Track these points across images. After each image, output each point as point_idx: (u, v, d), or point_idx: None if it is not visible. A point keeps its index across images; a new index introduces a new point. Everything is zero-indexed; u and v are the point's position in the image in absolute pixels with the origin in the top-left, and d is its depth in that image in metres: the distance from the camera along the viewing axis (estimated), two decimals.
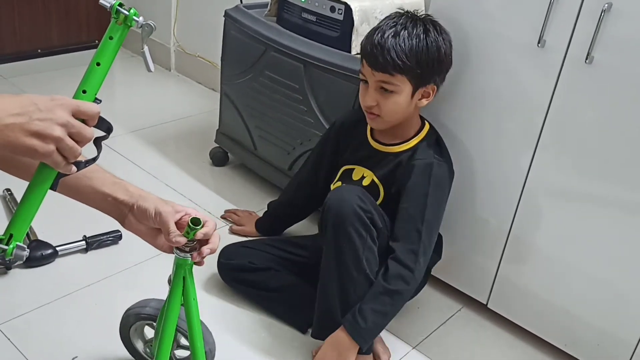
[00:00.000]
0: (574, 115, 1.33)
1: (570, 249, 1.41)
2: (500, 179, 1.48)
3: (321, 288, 1.39)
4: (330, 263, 1.36)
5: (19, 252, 0.84)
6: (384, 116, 1.38)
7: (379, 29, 1.35)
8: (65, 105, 0.73)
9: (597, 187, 1.34)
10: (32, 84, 2.58)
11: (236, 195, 2.02)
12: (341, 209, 1.32)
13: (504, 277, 1.54)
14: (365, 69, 1.37)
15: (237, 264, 1.56)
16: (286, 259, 1.59)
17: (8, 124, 0.70)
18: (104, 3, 0.81)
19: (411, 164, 1.40)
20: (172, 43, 2.90)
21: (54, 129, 0.71)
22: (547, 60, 1.32)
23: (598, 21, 1.22)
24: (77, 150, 0.74)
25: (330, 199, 1.36)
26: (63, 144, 0.73)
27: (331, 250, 1.35)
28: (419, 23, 1.34)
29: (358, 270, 1.34)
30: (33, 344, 1.36)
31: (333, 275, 1.36)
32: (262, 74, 1.86)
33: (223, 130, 2.12)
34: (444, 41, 1.36)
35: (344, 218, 1.32)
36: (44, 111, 0.72)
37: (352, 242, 1.32)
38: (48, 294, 1.50)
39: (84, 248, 1.66)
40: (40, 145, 0.71)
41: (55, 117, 0.72)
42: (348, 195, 1.34)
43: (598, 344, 1.43)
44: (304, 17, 1.78)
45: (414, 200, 1.38)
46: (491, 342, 1.56)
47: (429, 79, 1.37)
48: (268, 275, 1.54)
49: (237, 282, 1.57)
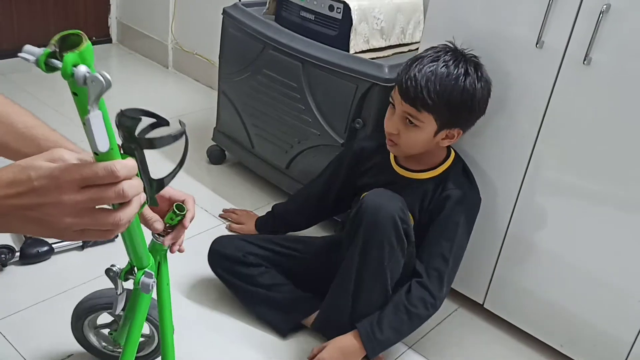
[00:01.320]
0: (571, 115, 1.33)
1: (567, 248, 1.41)
2: (498, 179, 1.48)
3: (337, 284, 1.38)
4: (352, 263, 1.33)
5: (145, 279, 0.90)
6: (402, 146, 1.38)
7: (420, 60, 1.31)
8: (67, 184, 0.58)
9: (594, 186, 1.34)
10: (30, 81, 2.58)
11: (233, 193, 2.02)
12: (379, 215, 1.28)
13: (501, 276, 1.55)
14: (396, 95, 1.35)
15: (230, 254, 1.51)
16: (280, 253, 1.54)
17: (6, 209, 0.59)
18: (25, 56, 0.57)
19: (444, 194, 1.39)
20: (170, 40, 2.90)
21: (60, 218, 0.59)
22: (546, 60, 1.32)
23: (596, 22, 1.22)
24: (107, 220, 0.61)
25: (369, 201, 1.30)
26: (83, 226, 0.61)
27: (356, 252, 1.32)
28: (462, 64, 1.30)
29: (378, 279, 1.32)
30: (29, 341, 1.35)
31: (351, 276, 1.34)
32: (260, 72, 1.86)
33: (220, 128, 2.12)
34: (481, 88, 1.32)
35: (380, 225, 1.28)
36: (42, 194, 0.58)
37: (381, 250, 1.29)
38: (44, 291, 1.50)
39: (80, 245, 1.66)
40: (45, 232, 0.61)
41: (58, 202, 0.58)
42: (389, 201, 1.30)
43: (594, 344, 1.43)
44: (302, 16, 1.78)
45: (446, 229, 1.38)
46: (487, 342, 1.56)
47: (457, 123, 1.34)
48: (259, 271, 1.50)
49: (226, 273, 1.52)
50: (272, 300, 1.49)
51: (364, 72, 1.62)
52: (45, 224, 0.60)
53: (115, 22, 3.09)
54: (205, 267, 1.58)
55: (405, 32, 1.83)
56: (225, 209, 1.91)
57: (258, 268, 1.52)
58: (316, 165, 1.78)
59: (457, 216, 1.39)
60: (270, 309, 1.49)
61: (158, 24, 2.89)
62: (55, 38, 0.56)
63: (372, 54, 1.73)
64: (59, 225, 0.60)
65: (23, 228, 0.61)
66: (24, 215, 0.59)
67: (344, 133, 1.70)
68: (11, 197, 0.59)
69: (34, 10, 2.81)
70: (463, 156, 1.49)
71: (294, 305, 1.48)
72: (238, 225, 1.82)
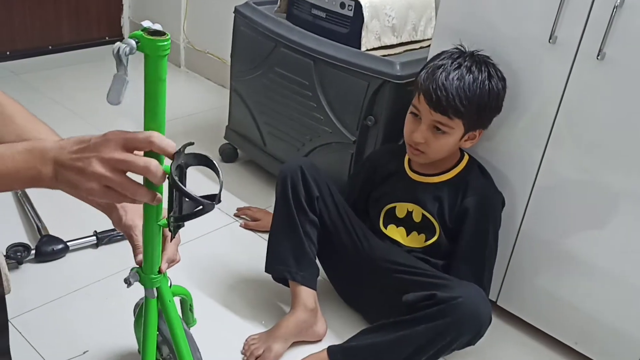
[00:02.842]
0: (585, 111, 1.32)
1: (581, 245, 1.40)
2: (511, 175, 1.47)
3: (390, 342, 1.30)
4: (416, 338, 1.28)
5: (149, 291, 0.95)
6: (429, 154, 1.38)
7: (442, 68, 1.32)
8: (113, 140, 0.70)
9: (609, 182, 1.33)
10: (42, 81, 2.60)
11: (245, 191, 2.03)
12: (472, 323, 1.26)
13: (514, 274, 1.54)
14: (422, 106, 1.35)
15: (309, 181, 1.45)
16: (347, 229, 1.48)
17: (66, 164, 0.70)
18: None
19: (467, 201, 1.40)
20: (182, 39, 2.91)
21: (93, 166, 0.69)
22: (559, 56, 1.32)
23: (610, 17, 1.21)
24: (128, 185, 0.71)
25: (468, 302, 1.25)
26: (108, 180, 0.70)
27: (428, 334, 1.27)
28: (483, 67, 1.33)
29: (425, 356, 1.29)
30: (44, 338, 1.37)
31: (407, 347, 1.28)
32: (272, 70, 1.86)
33: (232, 126, 2.13)
34: (503, 88, 1.36)
35: (467, 331, 1.26)
36: (92, 148, 0.70)
37: (450, 345, 1.27)
38: (59, 289, 1.51)
39: (94, 243, 1.67)
40: (80, 181, 0.70)
41: (99, 153, 0.69)
42: (487, 312, 1.27)
43: (608, 341, 1.42)
44: (313, 14, 1.78)
45: (478, 240, 1.41)
46: (500, 339, 1.55)
47: (482, 124, 1.39)
48: (310, 219, 1.45)
49: (290, 182, 1.45)
50: (298, 242, 1.44)
51: (375, 69, 1.61)
52: (83, 172, 0.70)
53: (128, 22, 3.11)
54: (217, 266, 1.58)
55: (417, 29, 1.83)
56: (239, 207, 1.91)
57: (313, 216, 1.46)
58: (328, 163, 1.79)
59: (485, 222, 1.41)
60: (285, 247, 1.45)
61: (170, 23, 2.90)
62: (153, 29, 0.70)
63: (384, 51, 1.73)
64: (92, 174, 0.69)
65: (69, 180, 0.71)
66: (73, 166, 0.70)
67: (356, 130, 1.69)
68: (73, 152, 0.71)
69: (47, 11, 2.83)
70: (475, 155, 1.49)
71: (303, 265, 1.45)
72: (254, 222, 1.83)
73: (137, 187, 0.72)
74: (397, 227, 1.49)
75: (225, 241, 1.79)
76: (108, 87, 0.71)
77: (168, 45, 0.69)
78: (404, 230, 1.48)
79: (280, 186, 1.47)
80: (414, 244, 1.47)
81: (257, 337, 1.42)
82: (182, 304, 1.25)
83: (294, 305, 1.45)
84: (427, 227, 1.45)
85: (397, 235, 1.49)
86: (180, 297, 1.23)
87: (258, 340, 1.41)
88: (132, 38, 0.69)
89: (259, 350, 1.38)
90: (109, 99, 0.71)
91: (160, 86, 0.72)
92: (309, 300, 1.45)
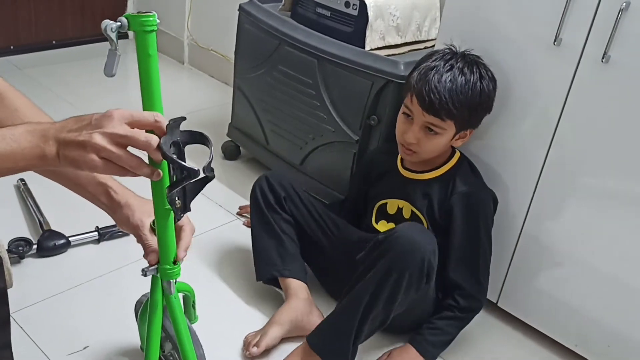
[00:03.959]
0: (589, 113, 1.32)
1: (583, 247, 1.40)
2: (514, 176, 1.47)
3: (345, 306, 1.32)
4: (368, 288, 1.28)
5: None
6: (421, 154, 1.40)
7: (434, 70, 1.32)
8: (116, 115, 0.73)
9: (611, 185, 1.33)
10: (46, 76, 2.60)
11: (247, 189, 2.00)
12: (412, 249, 1.26)
13: (515, 275, 1.54)
14: (415, 107, 1.36)
15: (276, 188, 1.54)
16: (316, 221, 1.55)
17: (67, 140, 0.72)
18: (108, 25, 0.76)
19: (456, 196, 1.40)
20: (186, 36, 2.91)
21: (94, 137, 0.71)
22: (563, 58, 1.31)
23: (615, 20, 1.21)
24: (127, 159, 0.73)
25: (405, 233, 1.28)
26: (108, 153, 0.72)
27: (376, 278, 1.28)
28: (474, 67, 1.34)
29: (386, 307, 1.30)
30: (45, 332, 1.37)
31: (363, 301, 1.29)
32: (276, 69, 1.86)
33: (235, 124, 2.13)
34: (494, 88, 1.37)
35: (409, 258, 1.26)
36: (94, 124, 0.72)
37: (399, 284, 1.27)
38: (60, 284, 1.52)
39: (96, 239, 1.68)
40: (81, 155, 0.71)
41: (102, 127, 0.71)
42: (425, 241, 1.28)
43: (609, 344, 1.42)
44: (318, 12, 1.78)
45: (469, 236, 1.41)
46: (501, 341, 1.56)
47: (473, 124, 1.40)
48: (284, 218, 1.53)
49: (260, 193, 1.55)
50: (278, 241, 1.52)
51: (379, 68, 1.61)
52: (85, 146, 0.71)
53: None
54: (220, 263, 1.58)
55: (421, 29, 1.83)
56: (241, 205, 1.92)
57: (285, 215, 1.54)
58: (330, 162, 1.79)
59: (475, 220, 1.41)
60: (267, 249, 1.52)
61: (174, 20, 2.90)
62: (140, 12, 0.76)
63: (388, 50, 1.73)
64: (94, 147, 0.71)
65: (71, 157, 0.72)
66: (74, 141, 0.72)
67: (359, 130, 1.70)
68: (75, 130, 0.72)
69: (51, 6, 2.84)
70: (478, 157, 1.49)
71: (287, 260, 1.50)
72: None
73: (138, 160, 0.74)
74: (388, 223, 1.50)
75: (227, 239, 1.79)
76: (110, 82, 0.76)
77: (153, 21, 0.76)
78: (393, 226, 1.49)
79: (252, 197, 1.57)
80: None
81: (254, 333, 1.43)
82: (185, 300, 1.25)
83: (287, 297, 1.48)
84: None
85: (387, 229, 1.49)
86: (184, 293, 1.24)
87: (255, 333, 1.43)
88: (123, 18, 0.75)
89: (255, 338, 1.40)
90: (105, 71, 0.76)
91: (151, 62, 0.78)
92: (300, 290, 1.48)
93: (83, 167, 0.72)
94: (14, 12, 2.72)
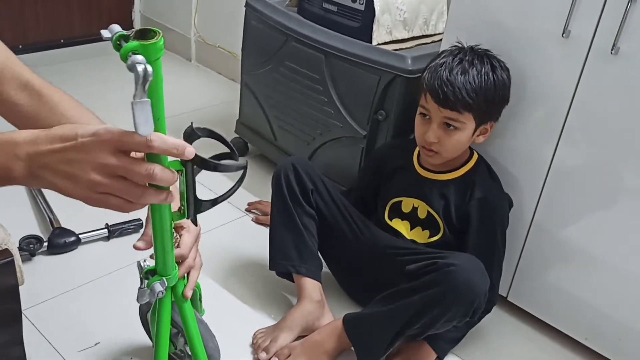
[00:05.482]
0: (598, 105, 1.31)
1: (593, 240, 1.40)
2: (523, 171, 1.47)
3: (393, 309, 1.31)
4: (412, 306, 1.27)
5: (156, 285, 0.86)
6: (444, 153, 1.38)
7: (444, 65, 1.33)
8: (105, 142, 0.60)
9: (621, 178, 1.32)
10: (54, 74, 2.60)
11: (256, 185, 2.03)
12: (464, 294, 1.23)
13: (525, 269, 1.53)
14: (430, 104, 1.35)
15: (303, 177, 1.48)
16: (346, 219, 1.50)
17: (49, 165, 0.61)
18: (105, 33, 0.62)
19: (474, 201, 1.40)
20: (193, 33, 2.91)
21: (88, 173, 0.60)
22: (572, 50, 1.31)
23: (624, 12, 1.20)
24: (131, 191, 0.62)
25: (462, 270, 1.24)
26: (108, 188, 0.61)
27: (422, 302, 1.26)
28: (485, 60, 1.34)
29: (422, 328, 1.30)
30: (56, 329, 1.38)
31: (407, 313, 1.28)
32: (283, 65, 1.86)
33: (243, 120, 2.13)
34: (507, 77, 1.37)
35: (459, 302, 1.24)
36: (79, 149, 0.60)
37: (442, 315, 1.26)
38: (71, 281, 1.53)
39: (106, 236, 1.69)
40: (74, 190, 0.62)
41: (93, 159, 0.60)
42: (481, 283, 1.25)
43: (619, 338, 1.41)
44: (324, 7, 1.78)
45: (486, 242, 1.40)
46: (510, 335, 1.55)
47: (493, 116, 1.39)
48: (307, 211, 1.48)
49: (285, 181, 1.48)
50: (298, 235, 1.46)
51: (386, 63, 1.61)
52: (74, 179, 0.61)
53: (139, 16, 3.11)
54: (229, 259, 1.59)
55: (428, 24, 1.82)
56: (250, 202, 1.92)
57: (309, 209, 1.48)
58: (338, 158, 1.79)
59: (492, 224, 1.41)
60: (285, 241, 1.47)
61: (181, 17, 2.91)
62: (136, 29, 0.61)
63: (395, 45, 1.72)
64: (86, 182, 0.60)
65: (54, 183, 0.62)
66: (59, 170, 0.61)
67: (367, 125, 1.69)
68: (56, 151, 0.61)
69: (58, 5, 2.84)
70: (486, 151, 1.48)
71: (305, 257, 1.46)
72: (265, 217, 1.83)
73: (142, 190, 0.63)
74: (402, 221, 1.50)
75: (236, 235, 1.80)
76: (118, 80, 0.67)
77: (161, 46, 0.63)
78: (408, 224, 1.49)
79: (274, 183, 1.50)
80: (417, 238, 1.47)
81: (264, 330, 1.43)
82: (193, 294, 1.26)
83: (300, 298, 1.46)
84: (432, 224, 1.45)
85: (402, 227, 1.49)
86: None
87: (265, 333, 1.42)
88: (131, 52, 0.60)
89: (265, 342, 1.39)
90: (140, 131, 0.60)
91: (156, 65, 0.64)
92: (314, 291, 1.45)
93: (74, 197, 0.63)
94: (21, 11, 2.73)
